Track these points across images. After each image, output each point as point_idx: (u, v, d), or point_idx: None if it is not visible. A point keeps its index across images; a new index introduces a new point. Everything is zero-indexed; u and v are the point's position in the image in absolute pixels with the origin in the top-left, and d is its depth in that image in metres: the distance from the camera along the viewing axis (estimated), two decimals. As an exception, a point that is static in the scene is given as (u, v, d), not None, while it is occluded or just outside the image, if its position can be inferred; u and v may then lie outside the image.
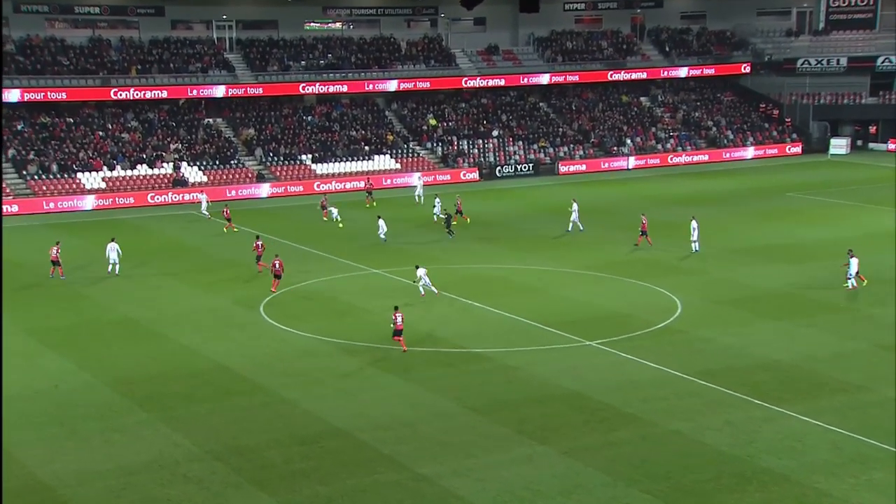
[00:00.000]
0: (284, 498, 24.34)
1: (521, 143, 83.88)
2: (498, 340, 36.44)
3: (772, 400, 30.11)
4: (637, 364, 33.70)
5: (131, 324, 39.23)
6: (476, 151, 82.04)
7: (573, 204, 56.46)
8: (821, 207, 64.05)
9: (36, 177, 68.90)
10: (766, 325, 38.08)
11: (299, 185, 73.34)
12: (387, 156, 78.66)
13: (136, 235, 57.32)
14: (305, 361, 34.43)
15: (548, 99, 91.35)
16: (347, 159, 77.42)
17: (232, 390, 31.62)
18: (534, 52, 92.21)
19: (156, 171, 71.83)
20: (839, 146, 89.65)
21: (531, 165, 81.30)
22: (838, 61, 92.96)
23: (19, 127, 72.70)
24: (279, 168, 75.35)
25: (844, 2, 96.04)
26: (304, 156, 76.77)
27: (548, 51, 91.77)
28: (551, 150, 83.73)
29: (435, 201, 60.10)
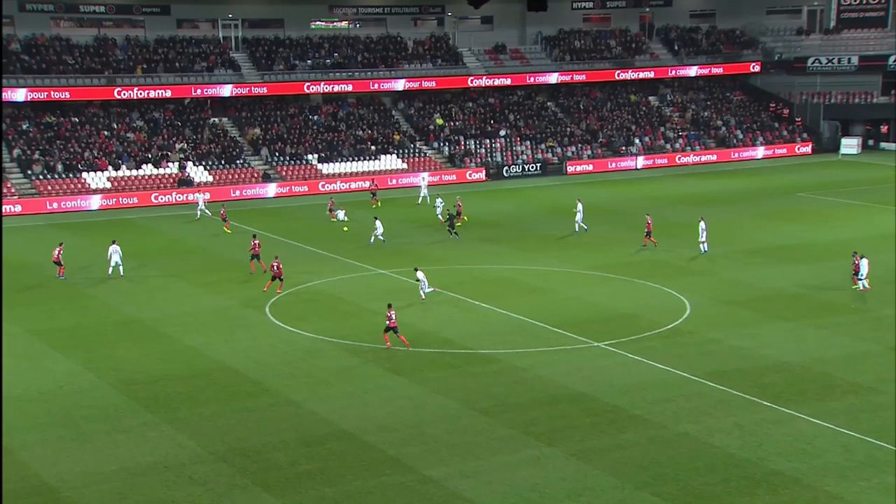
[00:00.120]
0: (290, 500, 24.24)
1: (529, 143, 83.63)
2: (505, 341, 36.26)
3: (782, 402, 29.90)
4: (645, 365, 33.49)
5: (136, 324, 39.10)
6: (483, 151, 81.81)
7: (577, 204, 56.28)
8: (831, 208, 63.69)
9: (41, 176, 68.83)
10: (776, 327, 37.82)
11: (304, 185, 73.15)
12: (393, 156, 78.46)
13: (141, 236, 57.22)
14: (311, 362, 34.27)
15: (556, 98, 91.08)
16: (354, 159, 77.23)
17: (237, 391, 31.49)
18: (541, 51, 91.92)
19: (161, 171, 71.73)
20: (850, 146, 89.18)
21: (539, 165, 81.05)
22: (849, 60, 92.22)
23: (24, 126, 72.65)
24: (285, 168, 75.19)
25: (856, 0, 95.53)
26: (311, 155, 76.59)
27: (556, 50, 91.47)
28: (559, 150, 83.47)
29: (437, 202, 59.94)
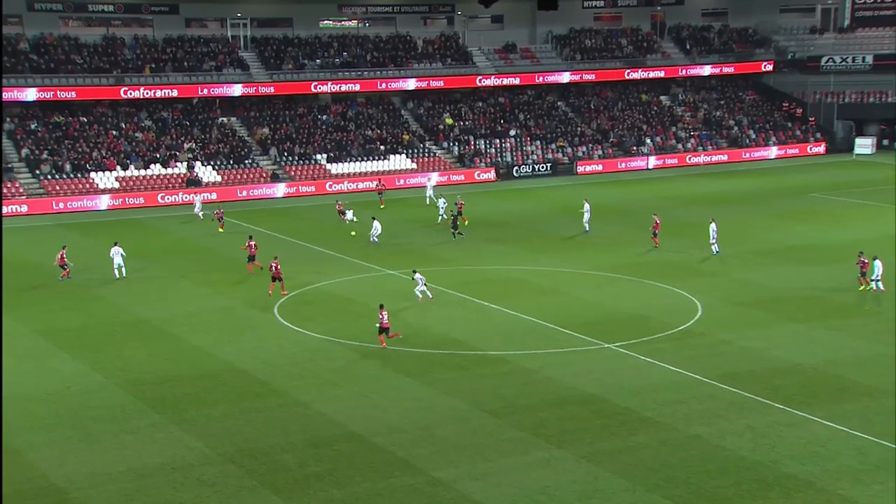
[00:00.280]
0: (299, 501, 24.11)
1: (539, 143, 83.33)
2: (514, 343, 36.05)
3: (794, 404, 29.63)
4: (656, 367, 33.24)
5: (144, 325, 39.00)
6: (493, 151, 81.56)
7: (585, 204, 56.01)
8: (845, 208, 63.30)
9: (49, 176, 68.80)
10: (788, 328, 37.53)
11: (312, 186, 72.93)
12: (402, 155, 78.27)
13: (147, 236, 57.15)
14: (319, 363, 34.11)
15: (566, 98, 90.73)
16: (363, 159, 77.07)
17: (245, 392, 31.35)
18: (552, 51, 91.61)
19: (169, 171, 71.67)
20: (864, 146, 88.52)
21: (549, 165, 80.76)
22: (864, 59, 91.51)
23: (33, 126, 72.63)
24: (294, 168, 75.04)
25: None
26: (319, 155, 76.42)
27: (566, 49, 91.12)
28: (570, 150, 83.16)
29: (440, 202, 59.72)
